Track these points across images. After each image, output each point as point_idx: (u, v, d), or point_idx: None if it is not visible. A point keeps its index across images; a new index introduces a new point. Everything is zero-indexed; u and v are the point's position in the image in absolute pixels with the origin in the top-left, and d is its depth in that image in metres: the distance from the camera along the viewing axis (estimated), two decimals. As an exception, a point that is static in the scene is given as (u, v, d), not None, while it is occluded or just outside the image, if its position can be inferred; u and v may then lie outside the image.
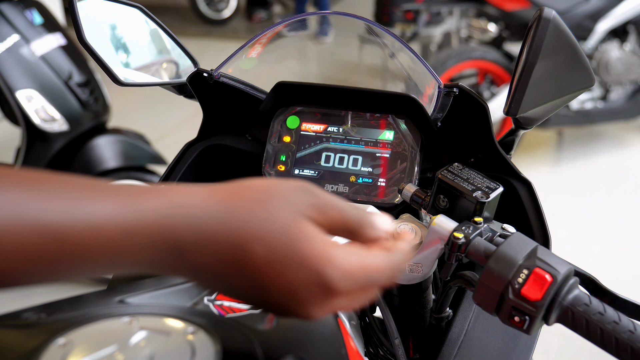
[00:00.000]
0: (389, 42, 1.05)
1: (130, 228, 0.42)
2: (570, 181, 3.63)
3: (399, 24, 4.11)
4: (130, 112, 4.50)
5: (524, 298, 0.62)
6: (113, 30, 0.97)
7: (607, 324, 0.61)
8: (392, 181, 0.92)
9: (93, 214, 0.42)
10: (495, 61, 3.61)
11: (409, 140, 0.93)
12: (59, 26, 2.60)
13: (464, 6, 3.89)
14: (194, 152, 1.01)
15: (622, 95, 3.85)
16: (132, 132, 2.82)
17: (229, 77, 0.97)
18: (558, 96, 0.81)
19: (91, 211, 0.42)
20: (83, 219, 0.41)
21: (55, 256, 0.41)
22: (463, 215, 0.72)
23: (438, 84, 0.92)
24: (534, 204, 0.87)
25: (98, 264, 0.42)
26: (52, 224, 0.40)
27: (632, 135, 4.18)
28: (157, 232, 0.43)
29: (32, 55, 2.44)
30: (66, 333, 0.51)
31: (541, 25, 0.74)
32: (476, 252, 0.67)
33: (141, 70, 1.00)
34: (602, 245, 3.03)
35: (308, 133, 0.97)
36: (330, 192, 0.93)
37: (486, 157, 0.94)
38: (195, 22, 7.19)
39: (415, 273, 0.75)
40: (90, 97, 2.57)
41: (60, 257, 0.41)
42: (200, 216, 0.44)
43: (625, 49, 3.72)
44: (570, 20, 3.48)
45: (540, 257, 0.63)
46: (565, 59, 0.78)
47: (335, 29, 1.21)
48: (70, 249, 0.41)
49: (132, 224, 0.42)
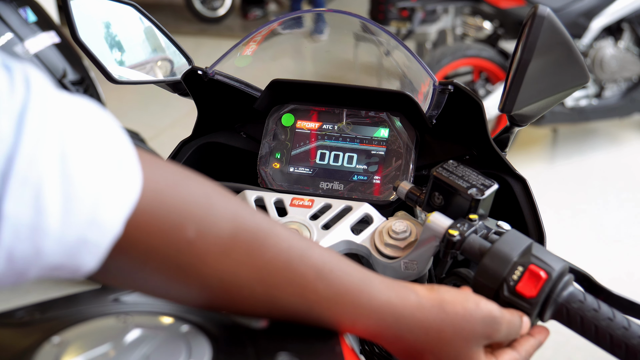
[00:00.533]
0: (384, 40, 1.05)
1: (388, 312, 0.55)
2: (565, 178, 3.64)
3: (394, 21, 4.10)
4: (125, 110, 4.49)
5: (519, 295, 0.62)
6: (107, 28, 0.96)
7: (601, 321, 0.61)
8: (387, 179, 0.92)
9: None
10: (490, 59, 3.62)
11: (404, 137, 0.93)
12: (53, 24, 2.59)
13: (459, 4, 3.89)
14: (188, 150, 1.00)
15: (617, 93, 3.86)
16: (126, 130, 2.80)
17: (223, 74, 0.97)
18: (552, 93, 0.81)
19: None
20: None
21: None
22: (458, 213, 0.73)
23: (433, 81, 0.92)
24: (529, 201, 0.87)
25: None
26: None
27: (627, 133, 4.19)
28: (389, 315, 0.54)
29: (26, 53, 2.42)
30: (60, 332, 0.51)
31: (535, 23, 0.74)
32: (471, 249, 0.67)
33: (135, 68, 0.99)
34: (596, 242, 3.03)
35: (303, 130, 0.97)
36: (326, 190, 0.93)
37: (481, 154, 0.94)
38: (190, 20, 7.18)
39: (410, 270, 0.75)
40: (84, 95, 2.56)
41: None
42: (418, 316, 0.55)
43: (619, 46, 3.72)
44: (565, 17, 3.48)
45: (535, 254, 0.63)
46: (560, 57, 0.78)
47: (331, 26, 1.20)
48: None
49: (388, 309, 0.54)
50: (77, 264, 0.42)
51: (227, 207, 0.50)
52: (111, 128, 0.44)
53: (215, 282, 0.49)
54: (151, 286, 0.50)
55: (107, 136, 0.43)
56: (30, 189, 0.38)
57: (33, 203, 0.38)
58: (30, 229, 0.38)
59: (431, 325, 0.55)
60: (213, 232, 0.48)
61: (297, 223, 0.81)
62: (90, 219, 0.41)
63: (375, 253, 0.77)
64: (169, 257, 0.47)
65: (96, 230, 0.41)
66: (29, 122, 0.38)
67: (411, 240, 0.76)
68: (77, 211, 0.40)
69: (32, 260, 0.39)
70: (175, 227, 0.46)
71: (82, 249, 0.41)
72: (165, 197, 0.46)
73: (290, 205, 0.84)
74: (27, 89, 0.39)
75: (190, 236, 0.47)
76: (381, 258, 0.77)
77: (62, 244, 0.40)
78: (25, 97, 0.39)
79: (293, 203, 0.85)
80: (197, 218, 0.47)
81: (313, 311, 0.52)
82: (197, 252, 0.47)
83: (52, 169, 0.39)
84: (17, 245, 0.38)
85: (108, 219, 0.42)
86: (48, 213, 0.39)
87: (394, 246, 0.76)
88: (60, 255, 0.40)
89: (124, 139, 0.45)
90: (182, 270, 0.48)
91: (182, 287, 0.50)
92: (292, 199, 0.85)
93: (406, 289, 0.56)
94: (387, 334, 0.55)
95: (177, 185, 0.47)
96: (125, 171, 0.43)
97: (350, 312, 0.53)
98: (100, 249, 0.42)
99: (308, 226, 0.80)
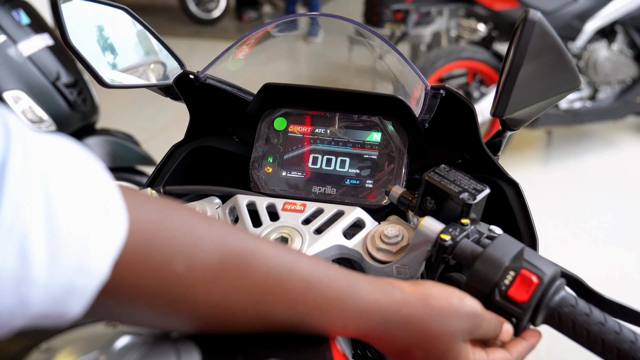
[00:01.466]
0: (377, 44, 1.05)
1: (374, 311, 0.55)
2: (559, 180, 3.65)
3: (389, 24, 4.11)
4: (119, 113, 4.48)
5: (510, 300, 0.62)
6: (99, 32, 0.96)
7: (593, 325, 0.61)
8: (379, 183, 0.92)
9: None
10: (484, 61, 3.62)
11: (397, 141, 0.93)
12: (47, 26, 2.58)
13: (453, 6, 3.90)
14: (181, 154, 1.00)
15: (611, 95, 3.86)
16: (120, 133, 2.80)
17: (215, 79, 0.96)
18: (544, 98, 0.81)
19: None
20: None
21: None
22: (450, 217, 0.72)
23: (425, 85, 0.92)
24: (521, 205, 0.87)
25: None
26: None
27: (621, 135, 4.20)
28: (376, 314, 0.55)
29: (20, 55, 2.42)
30: (49, 339, 0.50)
31: (527, 27, 0.74)
32: (463, 254, 0.67)
33: (128, 72, 0.99)
34: (590, 245, 3.04)
35: (295, 135, 0.97)
36: (318, 194, 0.93)
37: (473, 158, 0.94)
38: (185, 22, 7.17)
39: (402, 275, 0.75)
40: (78, 98, 2.55)
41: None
42: (404, 311, 0.56)
43: (613, 48, 3.73)
44: (559, 20, 3.49)
45: (527, 259, 0.63)
46: (551, 61, 0.78)
47: (325, 30, 1.20)
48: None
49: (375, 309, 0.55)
50: (63, 312, 0.41)
51: (212, 233, 0.50)
52: (93, 169, 0.44)
53: (207, 310, 0.49)
54: (142, 321, 0.49)
55: (90, 178, 0.43)
56: (16, 239, 0.37)
57: (19, 253, 0.37)
58: (16, 279, 0.37)
59: (417, 319, 0.56)
60: (202, 262, 0.48)
61: (289, 228, 0.81)
62: (77, 265, 0.40)
63: (367, 257, 0.77)
64: (159, 293, 0.46)
65: (83, 277, 0.40)
66: (11, 171, 0.37)
67: (403, 244, 0.76)
68: (63, 258, 0.39)
69: (17, 311, 0.38)
70: (163, 263, 0.46)
71: (68, 296, 0.40)
72: (152, 235, 0.46)
73: (282, 210, 0.84)
74: (7, 136, 0.39)
75: (179, 270, 0.46)
76: (373, 262, 0.77)
77: (49, 293, 0.39)
78: (6, 146, 0.38)
79: (285, 207, 0.85)
80: (184, 251, 0.47)
81: (304, 322, 0.53)
82: (187, 284, 0.47)
83: (37, 217, 0.38)
84: (2, 297, 0.37)
85: (95, 264, 0.41)
86: (34, 262, 0.38)
87: (386, 251, 0.76)
88: (46, 304, 0.39)
89: (107, 179, 0.44)
90: (173, 304, 0.48)
91: (174, 319, 0.49)
92: (284, 204, 0.85)
93: (391, 286, 0.57)
94: (376, 332, 0.55)
95: (162, 221, 0.47)
96: (110, 213, 0.42)
97: (340, 317, 0.54)
98: (86, 294, 0.41)
99: (300, 231, 0.80)
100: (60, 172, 0.41)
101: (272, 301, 0.51)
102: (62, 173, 0.41)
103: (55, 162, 0.41)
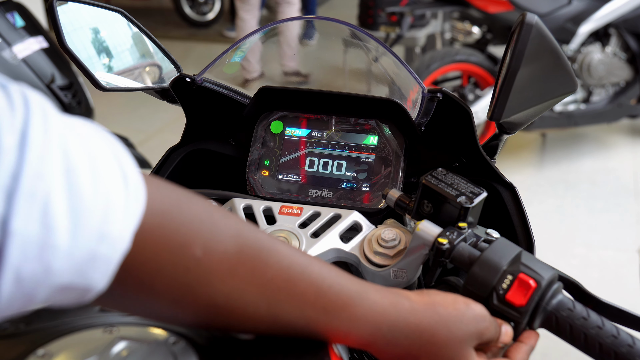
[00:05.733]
0: (373, 47, 1.05)
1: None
2: (554, 183, 3.66)
3: (384, 26, 4.11)
4: (114, 115, 4.47)
5: (508, 304, 0.62)
6: (95, 35, 0.96)
7: (590, 329, 0.61)
8: (376, 186, 0.92)
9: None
10: (479, 64, 3.63)
11: (393, 145, 0.93)
12: (41, 29, 2.58)
13: (448, 9, 3.90)
14: (177, 157, 1.00)
15: (605, 98, 3.88)
16: (115, 135, 2.79)
17: (211, 82, 0.96)
18: (541, 101, 0.81)
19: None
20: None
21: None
22: (447, 221, 0.72)
23: (422, 88, 0.92)
24: (518, 208, 0.87)
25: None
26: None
27: (615, 138, 4.21)
28: (384, 323, 0.55)
29: (14, 58, 2.41)
30: (46, 344, 0.50)
31: (524, 31, 0.74)
32: (460, 257, 0.67)
33: (124, 75, 0.99)
34: (585, 247, 3.05)
35: (292, 138, 0.96)
36: (315, 197, 0.93)
37: (470, 161, 0.94)
38: (180, 24, 7.16)
39: (399, 279, 0.75)
40: (73, 100, 2.55)
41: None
42: (412, 320, 0.56)
43: (607, 51, 3.75)
44: (553, 23, 3.50)
45: (524, 263, 0.63)
46: (548, 64, 0.78)
47: (320, 32, 1.21)
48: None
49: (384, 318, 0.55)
50: (87, 283, 0.41)
51: (230, 225, 0.50)
52: (113, 144, 0.45)
53: (222, 300, 0.49)
54: (157, 309, 0.49)
55: (110, 151, 0.43)
56: (38, 205, 0.37)
57: (41, 218, 0.37)
58: (39, 245, 0.37)
59: (425, 328, 0.56)
60: (219, 250, 0.48)
61: (286, 231, 0.81)
62: (99, 233, 0.40)
63: (364, 261, 0.77)
64: (177, 275, 0.46)
65: (106, 245, 0.41)
66: (32, 138, 0.38)
67: (400, 248, 0.76)
68: (86, 225, 0.39)
69: (41, 280, 0.38)
70: (182, 245, 0.46)
71: (92, 265, 0.40)
72: (171, 216, 0.46)
73: (279, 213, 0.84)
74: (27, 106, 0.39)
75: (197, 254, 0.47)
76: (370, 266, 0.77)
77: (72, 260, 0.39)
78: (26, 114, 0.39)
79: (282, 211, 0.84)
80: (203, 236, 0.48)
81: (309, 326, 0.53)
82: (205, 270, 0.47)
83: (59, 183, 0.38)
84: (26, 264, 0.37)
85: (117, 232, 0.41)
86: (57, 228, 0.38)
87: (383, 254, 0.76)
88: (70, 273, 0.39)
89: (127, 155, 0.45)
90: (190, 289, 0.48)
91: (189, 308, 0.49)
92: (281, 207, 0.85)
93: (399, 296, 0.57)
94: (381, 341, 0.55)
95: (181, 204, 0.48)
96: (130, 185, 0.43)
97: (345, 325, 0.54)
98: (110, 265, 0.41)
99: (297, 234, 0.80)
100: (80, 144, 0.41)
101: (283, 300, 0.51)
102: (83, 145, 0.41)
103: (75, 134, 0.41)
